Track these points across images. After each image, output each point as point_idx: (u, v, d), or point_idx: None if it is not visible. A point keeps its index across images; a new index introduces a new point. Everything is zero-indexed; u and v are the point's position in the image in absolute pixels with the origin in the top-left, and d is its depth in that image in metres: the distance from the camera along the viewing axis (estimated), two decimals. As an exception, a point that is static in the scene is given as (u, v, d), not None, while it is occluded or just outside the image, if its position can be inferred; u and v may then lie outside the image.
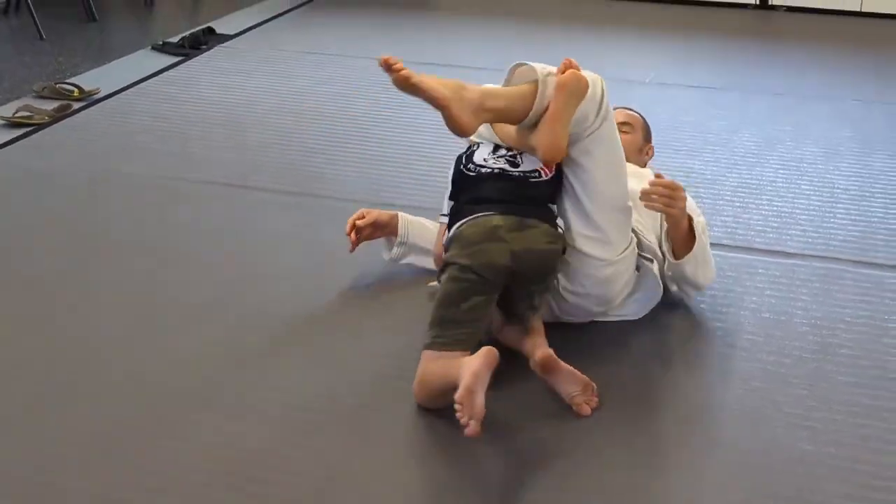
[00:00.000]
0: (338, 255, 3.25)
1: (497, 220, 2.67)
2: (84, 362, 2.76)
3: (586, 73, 2.68)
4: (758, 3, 6.82)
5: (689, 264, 2.91)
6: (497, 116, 2.69)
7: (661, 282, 2.93)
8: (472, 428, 2.25)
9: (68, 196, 3.79)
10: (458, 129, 2.60)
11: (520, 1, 6.89)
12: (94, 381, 2.67)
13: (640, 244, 2.87)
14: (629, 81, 5.19)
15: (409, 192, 3.75)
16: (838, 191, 3.95)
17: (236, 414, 2.55)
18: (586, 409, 2.55)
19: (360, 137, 4.37)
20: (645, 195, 2.78)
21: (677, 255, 2.90)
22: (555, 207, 2.78)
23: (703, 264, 2.95)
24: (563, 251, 2.72)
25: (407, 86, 2.55)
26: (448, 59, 5.26)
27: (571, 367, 2.57)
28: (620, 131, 3.02)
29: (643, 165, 3.29)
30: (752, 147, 4.37)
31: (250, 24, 6.16)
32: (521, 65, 2.73)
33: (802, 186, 3.99)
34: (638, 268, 2.86)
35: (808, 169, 4.15)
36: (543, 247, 2.67)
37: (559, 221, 2.75)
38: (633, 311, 2.95)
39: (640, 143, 3.33)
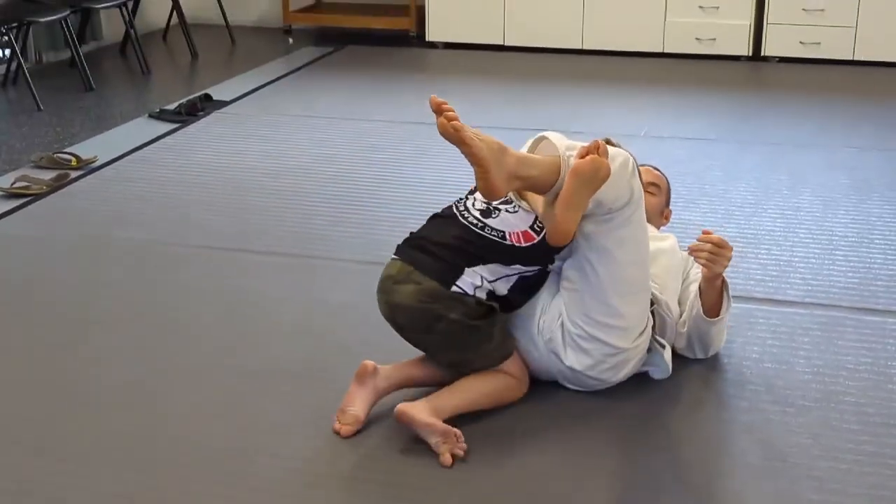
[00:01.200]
0: (339, 316, 3.25)
1: (394, 267, 2.71)
2: (83, 426, 2.73)
3: (616, 153, 2.58)
4: (750, 54, 6.88)
5: (716, 325, 2.93)
6: (526, 185, 2.58)
7: (670, 367, 2.88)
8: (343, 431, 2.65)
9: (67, 264, 3.80)
10: (490, 193, 2.50)
11: (512, 60, 6.96)
12: (93, 444, 2.65)
13: (655, 324, 2.86)
14: (624, 136, 5.18)
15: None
16: (836, 238, 3.95)
17: (236, 479, 2.53)
18: (447, 459, 2.55)
19: (359, 198, 4.38)
20: (695, 250, 2.81)
21: (707, 313, 2.91)
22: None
23: (725, 328, 3.00)
24: (480, 317, 2.67)
25: (454, 137, 2.44)
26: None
27: (428, 421, 2.57)
28: (647, 191, 3.00)
29: (658, 228, 3.25)
30: (748, 197, 4.38)
31: (247, 90, 6.21)
32: (543, 138, 2.67)
33: (800, 235, 3.99)
34: (649, 349, 2.85)
35: (805, 217, 4.16)
36: (413, 304, 2.64)
37: (477, 288, 2.66)
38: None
39: (663, 207, 3.31)
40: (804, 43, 6.75)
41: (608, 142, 2.61)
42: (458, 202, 2.83)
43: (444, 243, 2.71)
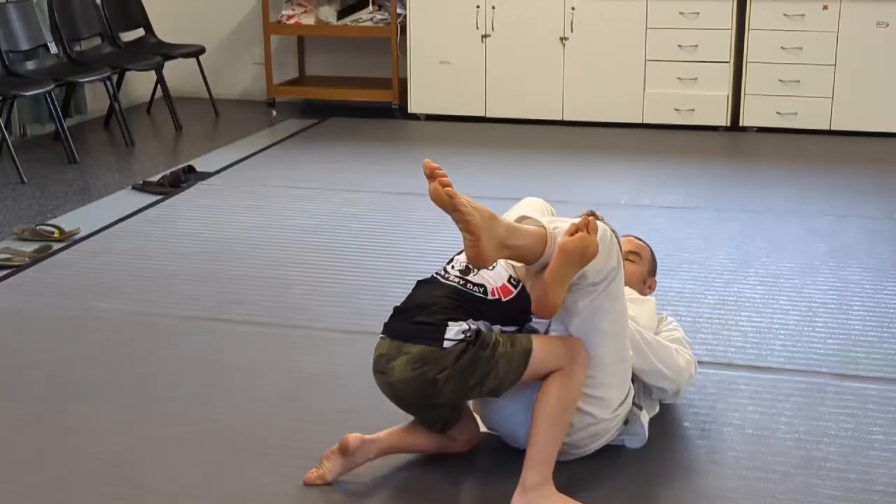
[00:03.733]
0: (318, 385, 3.24)
1: (384, 346, 2.70)
2: (64, 499, 2.71)
3: (601, 228, 2.59)
4: (728, 124, 6.96)
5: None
6: (514, 255, 2.61)
7: (646, 434, 2.90)
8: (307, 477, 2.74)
9: (47, 336, 3.78)
10: (480, 261, 2.53)
11: (494, 131, 7.02)
12: (71, 522, 2.63)
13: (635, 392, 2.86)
14: (605, 204, 5.25)
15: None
16: (816, 305, 3.98)
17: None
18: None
19: (341, 268, 4.40)
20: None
21: None
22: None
23: (643, 354, 2.89)
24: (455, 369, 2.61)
25: (447, 203, 2.45)
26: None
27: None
28: (627, 260, 3.08)
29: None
30: (728, 264, 4.41)
31: (230, 161, 6.24)
32: (525, 217, 2.69)
33: (780, 302, 4.01)
34: (626, 421, 2.85)
35: (784, 284, 4.19)
36: (408, 376, 2.63)
37: (465, 332, 2.62)
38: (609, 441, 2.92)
39: (645, 276, 3.34)
40: (781, 113, 6.84)
41: (592, 214, 2.63)
42: (438, 271, 2.84)
43: (430, 304, 2.69)
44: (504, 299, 2.71)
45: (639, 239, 3.42)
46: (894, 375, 3.39)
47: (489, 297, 2.70)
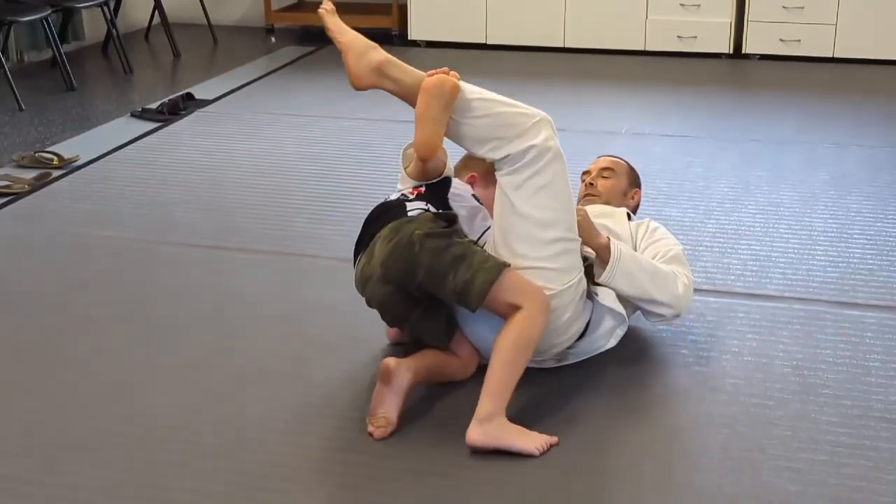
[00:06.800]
0: (321, 313, 3.25)
1: (363, 261, 2.80)
2: (65, 424, 2.74)
3: (535, 111, 2.79)
4: (731, 52, 6.91)
5: (616, 279, 2.89)
6: (395, 88, 2.83)
7: (620, 310, 2.92)
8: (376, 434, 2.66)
9: (48, 263, 3.79)
10: (351, 78, 2.84)
11: (494, 58, 6.97)
12: (74, 446, 2.65)
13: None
14: (604, 133, 5.25)
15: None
16: (816, 233, 3.98)
17: (216, 474, 2.53)
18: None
19: (341, 196, 4.39)
20: None
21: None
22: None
23: (641, 279, 2.92)
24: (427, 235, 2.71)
25: (323, 20, 2.96)
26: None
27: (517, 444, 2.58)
28: (602, 177, 3.28)
29: (632, 209, 3.35)
30: (728, 193, 4.41)
31: (229, 89, 6.21)
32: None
33: (780, 230, 4.02)
34: (591, 295, 2.87)
35: (785, 213, 4.19)
36: (388, 250, 2.72)
37: (414, 204, 2.80)
38: (599, 345, 2.96)
39: (625, 188, 3.38)
40: (784, 40, 6.78)
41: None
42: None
43: (378, 217, 2.85)
44: (418, 195, 2.87)
45: (612, 156, 3.48)
46: (892, 303, 3.41)
47: (409, 197, 2.87)
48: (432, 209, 2.81)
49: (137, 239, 3.99)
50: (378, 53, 2.85)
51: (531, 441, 2.59)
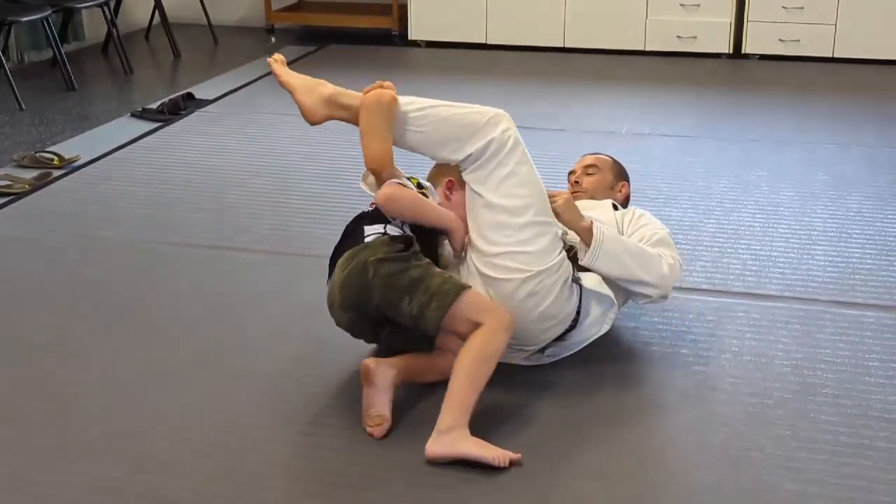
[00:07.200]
0: (321, 313, 3.25)
1: (329, 286, 2.85)
2: (67, 425, 2.74)
3: (488, 109, 2.87)
4: (731, 52, 6.92)
5: (599, 260, 2.90)
6: (348, 116, 2.95)
7: (608, 293, 2.93)
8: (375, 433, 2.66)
9: (48, 263, 3.80)
10: (305, 114, 2.97)
11: (494, 58, 6.98)
12: (74, 446, 2.66)
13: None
14: (604, 133, 5.25)
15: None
16: (815, 233, 3.99)
17: (218, 474, 2.54)
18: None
19: (341, 196, 4.39)
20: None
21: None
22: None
23: (625, 261, 2.93)
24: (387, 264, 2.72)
25: (273, 69, 3.08)
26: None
27: (479, 453, 2.55)
28: (586, 174, 3.35)
29: (622, 202, 3.36)
30: (728, 193, 4.41)
31: (229, 89, 6.22)
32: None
33: (780, 230, 4.02)
34: (576, 280, 2.88)
35: (784, 213, 4.19)
36: (342, 279, 2.75)
37: (380, 234, 2.80)
38: (592, 332, 2.95)
39: (611, 182, 3.40)
40: (784, 40, 6.79)
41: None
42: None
43: (342, 241, 2.91)
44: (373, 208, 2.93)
45: (597, 154, 3.51)
46: (891, 303, 3.41)
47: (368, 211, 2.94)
48: (390, 231, 2.81)
49: (137, 239, 3.99)
50: (326, 87, 2.98)
51: (490, 451, 2.55)
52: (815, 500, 2.43)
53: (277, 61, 3.09)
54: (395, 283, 2.69)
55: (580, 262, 2.93)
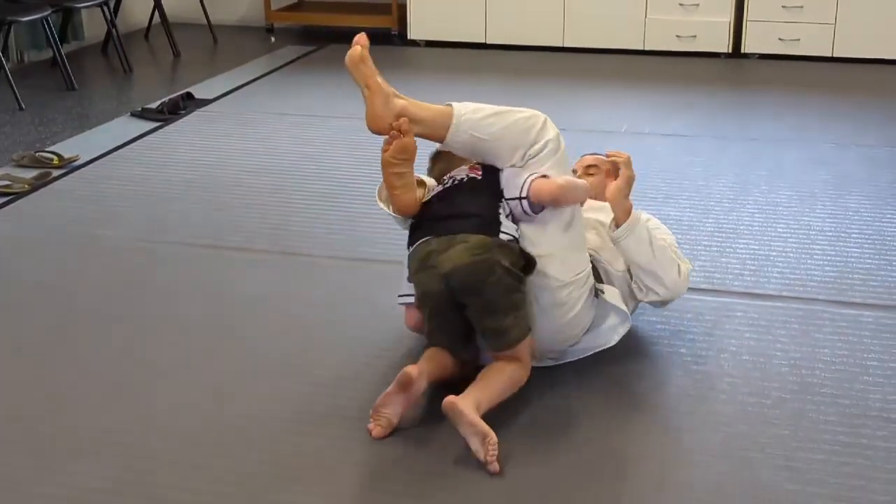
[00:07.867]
0: (320, 313, 3.26)
1: (429, 245, 2.78)
2: (64, 428, 2.74)
3: (533, 111, 2.93)
4: (730, 51, 6.92)
5: (624, 240, 2.95)
6: (420, 130, 2.84)
7: (624, 309, 2.96)
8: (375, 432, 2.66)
9: (48, 262, 3.80)
10: (373, 122, 2.86)
11: (494, 58, 6.98)
12: (74, 446, 2.66)
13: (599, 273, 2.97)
14: (604, 132, 5.26)
15: (392, 248, 3.76)
16: (814, 232, 3.99)
17: (217, 473, 2.54)
18: (496, 467, 2.52)
19: (341, 196, 4.40)
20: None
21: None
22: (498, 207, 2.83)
23: (649, 249, 2.97)
24: (514, 262, 2.75)
25: (355, 63, 2.88)
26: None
27: (475, 419, 2.55)
28: (587, 174, 3.34)
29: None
30: (727, 192, 4.42)
31: (229, 89, 6.22)
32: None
33: (779, 229, 4.02)
34: (597, 293, 2.90)
35: (783, 212, 4.20)
36: (467, 261, 2.71)
37: (507, 226, 2.80)
38: (601, 342, 2.97)
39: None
40: (783, 40, 6.79)
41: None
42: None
43: (454, 205, 2.85)
44: (479, 177, 2.89)
45: (595, 154, 3.53)
46: (890, 302, 3.41)
47: (464, 180, 2.89)
48: (520, 245, 2.82)
49: (137, 238, 3.99)
50: (400, 99, 2.87)
51: (490, 452, 2.55)
52: (813, 499, 2.43)
53: (364, 47, 2.89)
54: (505, 299, 2.73)
55: (611, 237, 3.00)
